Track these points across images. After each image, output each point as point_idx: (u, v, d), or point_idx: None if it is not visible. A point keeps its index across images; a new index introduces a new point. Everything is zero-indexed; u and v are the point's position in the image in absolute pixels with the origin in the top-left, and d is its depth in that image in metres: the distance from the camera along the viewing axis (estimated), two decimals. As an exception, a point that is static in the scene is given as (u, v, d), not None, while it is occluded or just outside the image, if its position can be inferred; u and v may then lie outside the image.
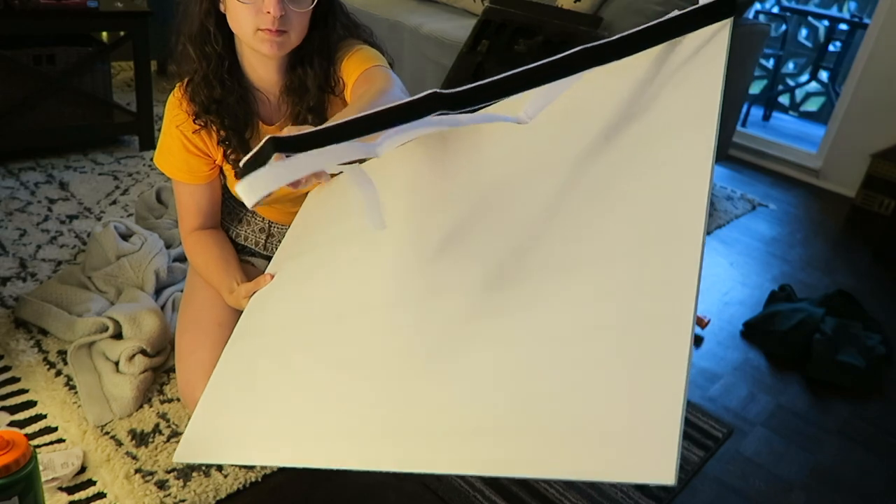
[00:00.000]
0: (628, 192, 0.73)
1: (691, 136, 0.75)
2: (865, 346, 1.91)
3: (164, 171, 1.30)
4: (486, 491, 1.30)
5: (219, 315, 1.30)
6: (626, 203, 0.72)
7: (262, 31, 1.12)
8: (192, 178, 1.29)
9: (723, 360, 1.87)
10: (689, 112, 0.79)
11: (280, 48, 1.15)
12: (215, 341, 1.26)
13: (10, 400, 1.35)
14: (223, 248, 1.36)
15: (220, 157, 1.28)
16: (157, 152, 1.30)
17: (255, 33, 1.13)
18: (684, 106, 0.80)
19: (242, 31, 1.14)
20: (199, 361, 1.26)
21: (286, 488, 1.25)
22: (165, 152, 1.28)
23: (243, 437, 0.91)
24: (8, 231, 1.92)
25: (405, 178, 1.10)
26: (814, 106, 4.92)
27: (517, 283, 0.75)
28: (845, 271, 2.52)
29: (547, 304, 0.70)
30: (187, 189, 1.31)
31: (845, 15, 4.60)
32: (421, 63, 3.11)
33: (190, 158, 1.27)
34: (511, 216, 0.84)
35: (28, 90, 2.27)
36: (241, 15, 1.12)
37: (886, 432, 1.68)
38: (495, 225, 0.85)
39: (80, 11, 2.27)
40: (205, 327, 1.29)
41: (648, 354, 0.60)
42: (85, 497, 1.17)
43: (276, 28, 1.11)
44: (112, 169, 2.40)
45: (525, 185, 0.86)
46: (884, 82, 3.16)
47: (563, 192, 0.80)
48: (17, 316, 1.56)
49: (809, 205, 3.17)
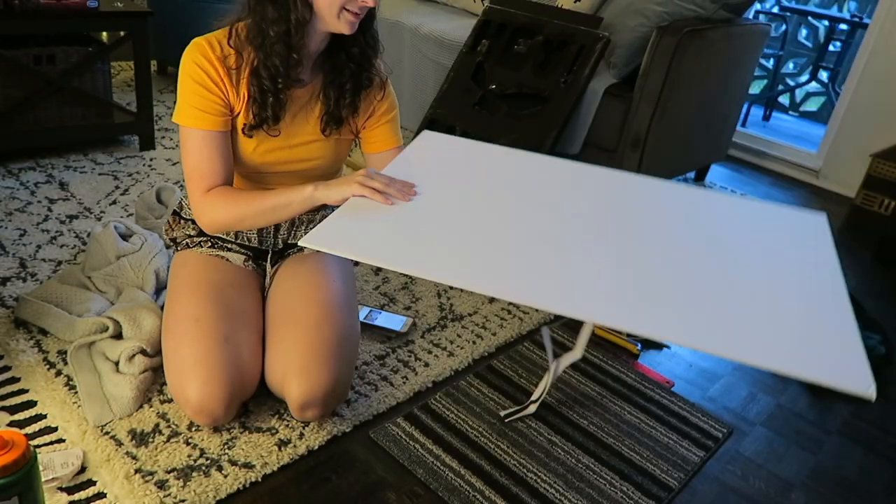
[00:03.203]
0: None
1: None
2: (865, 346, 1.91)
3: (178, 119, 1.30)
4: (487, 491, 1.30)
5: (195, 311, 1.33)
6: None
7: (348, 11, 1.23)
8: (204, 119, 1.28)
9: (723, 360, 1.87)
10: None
11: (355, 29, 1.27)
12: (195, 337, 1.29)
13: (10, 400, 1.35)
14: (250, 193, 1.33)
15: (238, 102, 1.30)
16: (176, 107, 1.31)
17: (341, 12, 1.23)
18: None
19: (330, 7, 1.22)
20: (183, 358, 1.28)
21: (286, 488, 1.25)
22: (179, 99, 1.30)
23: (377, 240, 1.13)
24: (8, 231, 1.92)
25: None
26: (814, 106, 4.92)
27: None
28: (845, 271, 2.52)
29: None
30: (200, 137, 1.29)
31: (845, 15, 4.60)
32: (421, 63, 3.11)
33: (204, 94, 1.27)
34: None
35: (28, 90, 2.27)
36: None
37: (886, 432, 1.68)
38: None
39: (80, 11, 2.27)
40: (184, 325, 1.31)
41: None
42: (85, 497, 1.17)
43: (362, 12, 1.25)
44: (112, 169, 2.40)
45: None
46: (884, 82, 3.16)
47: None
48: (17, 316, 1.56)
49: (809, 205, 3.17)
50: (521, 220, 1.23)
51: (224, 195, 1.31)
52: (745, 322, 1.03)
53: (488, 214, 1.24)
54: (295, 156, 1.40)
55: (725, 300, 1.07)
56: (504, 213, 1.25)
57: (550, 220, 1.24)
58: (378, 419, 1.45)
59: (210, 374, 1.25)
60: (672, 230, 1.26)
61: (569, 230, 1.22)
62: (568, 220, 1.25)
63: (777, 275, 1.17)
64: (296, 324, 1.35)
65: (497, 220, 1.22)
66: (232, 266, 1.46)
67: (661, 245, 1.21)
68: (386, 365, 1.61)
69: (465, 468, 1.34)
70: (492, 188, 1.35)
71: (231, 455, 1.29)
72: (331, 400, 1.33)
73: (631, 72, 2.59)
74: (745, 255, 1.22)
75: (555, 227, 1.22)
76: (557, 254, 1.14)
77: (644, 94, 2.46)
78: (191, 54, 1.28)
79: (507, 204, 1.29)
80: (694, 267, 1.15)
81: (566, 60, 2.62)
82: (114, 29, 2.51)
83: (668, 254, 1.18)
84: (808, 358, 0.97)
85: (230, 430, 1.35)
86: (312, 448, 1.34)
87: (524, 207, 1.28)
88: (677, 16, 2.52)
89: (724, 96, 2.85)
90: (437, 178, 1.35)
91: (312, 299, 1.39)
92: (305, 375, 1.29)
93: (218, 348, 1.28)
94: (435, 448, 1.38)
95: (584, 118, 2.59)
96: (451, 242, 1.14)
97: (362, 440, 1.39)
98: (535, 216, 1.25)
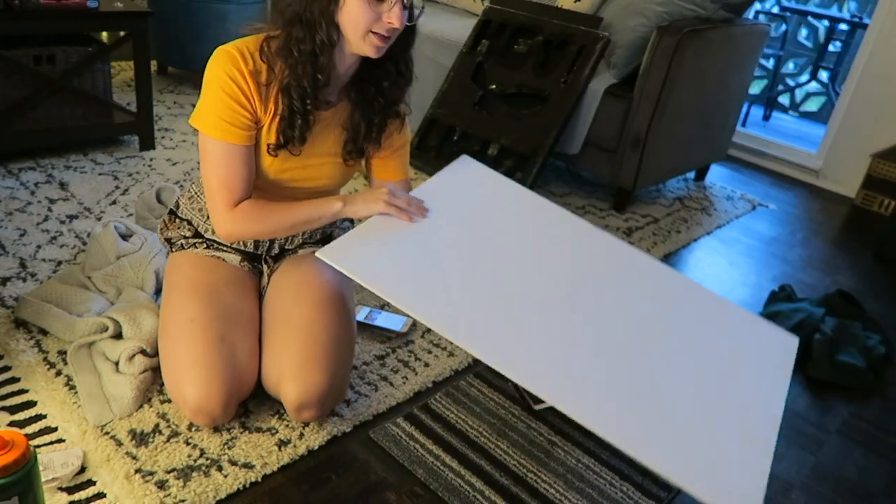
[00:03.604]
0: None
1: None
2: (865, 346, 1.91)
3: (203, 129, 1.27)
4: (487, 491, 1.30)
5: (190, 312, 1.33)
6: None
7: (374, 34, 1.19)
8: (233, 133, 1.26)
9: (723, 360, 1.87)
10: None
11: (381, 53, 1.24)
12: (190, 338, 1.29)
13: (10, 400, 1.35)
14: (275, 205, 1.34)
15: (265, 116, 1.28)
16: (194, 112, 1.29)
17: (367, 35, 1.19)
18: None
19: (356, 28, 1.20)
20: (179, 359, 1.29)
21: (286, 488, 1.25)
22: (205, 107, 1.26)
23: (384, 270, 1.22)
24: (8, 231, 1.92)
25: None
26: (814, 106, 4.92)
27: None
28: (845, 271, 2.52)
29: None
30: (227, 151, 1.27)
31: (845, 15, 4.60)
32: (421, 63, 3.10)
33: (235, 108, 1.25)
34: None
35: (28, 90, 2.27)
36: (362, 15, 1.18)
37: (886, 432, 1.68)
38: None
39: (80, 11, 2.27)
40: (179, 326, 1.32)
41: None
42: (85, 497, 1.17)
43: (388, 35, 1.21)
44: (112, 169, 2.40)
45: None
46: (884, 82, 3.16)
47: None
48: (17, 316, 1.56)
49: (809, 205, 3.17)
50: (520, 277, 1.31)
51: (254, 210, 1.32)
52: (669, 426, 1.11)
53: (493, 265, 1.31)
54: (307, 175, 1.40)
55: (667, 403, 1.15)
56: (507, 266, 1.32)
57: (546, 285, 1.31)
58: (378, 419, 1.45)
59: (207, 375, 1.25)
60: (650, 322, 1.32)
61: (559, 300, 1.29)
62: (561, 289, 1.32)
63: (725, 388, 1.23)
64: (290, 325, 1.35)
65: (499, 274, 1.29)
66: (227, 266, 1.46)
67: (635, 337, 1.27)
68: (386, 365, 1.61)
69: (465, 468, 1.34)
70: (506, 235, 1.41)
71: (231, 455, 1.29)
72: (327, 401, 1.33)
73: (631, 72, 2.59)
74: (704, 361, 1.27)
75: (547, 294, 1.29)
76: (539, 323, 1.22)
77: (644, 94, 2.46)
78: (222, 64, 1.24)
79: (512, 257, 1.35)
80: (655, 365, 1.22)
81: (566, 60, 2.62)
82: (114, 29, 2.51)
83: (637, 347, 1.25)
84: (707, 475, 1.04)
85: (230, 430, 1.35)
86: (312, 448, 1.34)
87: (528, 264, 1.35)
88: (677, 16, 2.52)
89: (724, 96, 2.85)
90: (458, 212, 1.41)
91: (305, 300, 1.39)
92: (300, 377, 1.29)
93: (214, 348, 1.28)
94: (435, 448, 1.38)
95: (584, 118, 2.59)
96: (451, 288, 1.22)
97: (362, 440, 1.39)
98: (535, 277, 1.32)
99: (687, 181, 3.18)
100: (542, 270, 1.35)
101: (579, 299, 1.31)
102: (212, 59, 1.26)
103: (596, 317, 1.28)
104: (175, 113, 3.01)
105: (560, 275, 1.35)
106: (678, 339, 1.30)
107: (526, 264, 1.35)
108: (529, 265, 1.35)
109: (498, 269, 1.31)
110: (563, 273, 1.36)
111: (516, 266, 1.33)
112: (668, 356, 1.25)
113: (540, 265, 1.36)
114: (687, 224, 2.71)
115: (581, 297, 1.32)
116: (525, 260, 1.36)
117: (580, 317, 1.27)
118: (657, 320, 1.33)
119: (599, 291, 1.35)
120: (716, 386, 1.22)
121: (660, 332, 1.30)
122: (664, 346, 1.27)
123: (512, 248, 1.38)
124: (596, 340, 1.23)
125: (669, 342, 1.28)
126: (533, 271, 1.34)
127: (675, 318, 1.35)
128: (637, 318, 1.31)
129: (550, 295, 1.29)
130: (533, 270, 1.34)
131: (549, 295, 1.29)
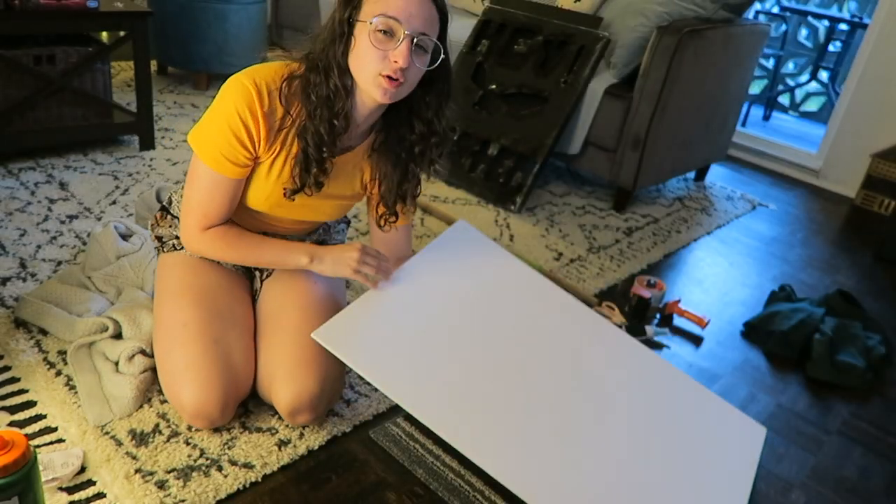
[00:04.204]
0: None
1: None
2: (865, 346, 1.91)
3: (199, 152, 1.25)
4: (487, 491, 1.30)
5: (182, 315, 1.33)
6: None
7: (382, 76, 1.15)
8: (227, 167, 1.25)
9: (723, 360, 1.87)
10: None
11: (392, 98, 1.19)
12: (184, 341, 1.29)
13: (10, 400, 1.35)
14: (248, 235, 1.34)
15: (266, 154, 1.27)
16: (196, 129, 1.26)
17: (375, 77, 1.15)
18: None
19: (365, 71, 1.17)
20: (174, 363, 1.29)
21: (286, 488, 1.25)
22: (207, 135, 1.24)
23: (376, 356, 1.26)
24: (8, 231, 1.92)
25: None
26: (814, 106, 4.92)
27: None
28: (845, 271, 2.52)
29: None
30: (216, 181, 1.27)
31: (845, 15, 4.60)
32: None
33: (236, 146, 1.23)
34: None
35: (28, 90, 2.27)
36: (369, 58, 1.15)
37: (886, 432, 1.68)
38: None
39: (80, 11, 2.27)
40: (172, 331, 1.32)
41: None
42: (85, 497, 1.17)
43: (396, 77, 1.15)
44: (112, 169, 2.40)
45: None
46: (884, 82, 3.16)
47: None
48: (17, 316, 1.56)
49: (809, 205, 3.17)
50: (507, 366, 1.35)
51: (223, 239, 1.31)
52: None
53: (482, 350, 1.36)
54: (305, 212, 1.39)
55: (631, 485, 1.23)
56: (495, 353, 1.36)
57: (534, 378, 1.35)
58: (378, 419, 1.45)
59: (203, 377, 1.25)
60: (625, 406, 1.38)
61: (542, 392, 1.33)
62: (546, 381, 1.36)
63: (692, 472, 1.30)
64: (280, 330, 1.35)
65: (487, 362, 1.34)
66: (219, 268, 1.45)
67: (607, 420, 1.33)
68: (386, 365, 1.61)
69: (465, 468, 1.34)
70: (497, 316, 1.45)
71: (231, 455, 1.29)
72: (320, 404, 1.32)
73: (631, 72, 2.59)
74: (671, 444, 1.33)
75: (533, 385, 1.33)
76: (522, 416, 1.27)
77: (644, 94, 2.46)
78: (236, 99, 1.20)
79: (501, 342, 1.39)
80: (628, 450, 1.29)
81: (566, 60, 2.62)
82: (114, 29, 2.51)
83: (608, 429, 1.31)
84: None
85: (230, 431, 1.35)
86: (312, 448, 1.34)
87: (516, 351, 1.39)
88: (677, 16, 2.52)
89: (724, 96, 2.85)
90: (451, 285, 1.46)
91: (294, 305, 1.39)
92: (291, 382, 1.29)
93: (208, 351, 1.28)
94: (435, 448, 1.38)
95: (584, 118, 2.59)
96: (439, 376, 1.27)
97: (362, 440, 1.39)
98: (523, 365, 1.37)
99: (687, 181, 3.18)
100: (535, 361, 1.39)
101: (556, 381, 1.36)
102: (228, 86, 1.22)
103: (570, 399, 1.33)
104: (175, 113, 3.01)
105: (541, 354, 1.41)
106: (647, 421, 1.36)
107: (511, 344, 1.40)
108: (514, 344, 1.40)
109: (489, 356, 1.35)
110: (544, 352, 1.41)
111: (508, 354, 1.37)
112: (635, 438, 1.32)
113: (533, 353, 1.40)
114: (687, 224, 2.71)
115: (558, 378, 1.37)
116: (511, 339, 1.41)
117: (553, 399, 1.32)
118: (631, 403, 1.38)
119: (577, 372, 1.40)
120: (682, 469, 1.28)
121: (632, 416, 1.36)
122: (633, 426, 1.34)
123: (505, 331, 1.42)
124: (568, 426, 1.28)
125: (638, 424, 1.35)
126: (526, 359, 1.38)
127: (647, 401, 1.41)
128: (611, 400, 1.37)
129: (531, 380, 1.34)
130: (517, 350, 1.39)
131: (530, 380, 1.34)
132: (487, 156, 2.66)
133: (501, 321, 1.44)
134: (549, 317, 1.51)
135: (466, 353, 1.34)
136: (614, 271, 2.24)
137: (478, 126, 2.71)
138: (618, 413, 1.35)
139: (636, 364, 1.49)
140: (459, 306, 1.42)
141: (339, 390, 1.39)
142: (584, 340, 1.49)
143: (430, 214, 2.41)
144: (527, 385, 1.33)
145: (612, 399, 1.37)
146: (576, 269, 2.22)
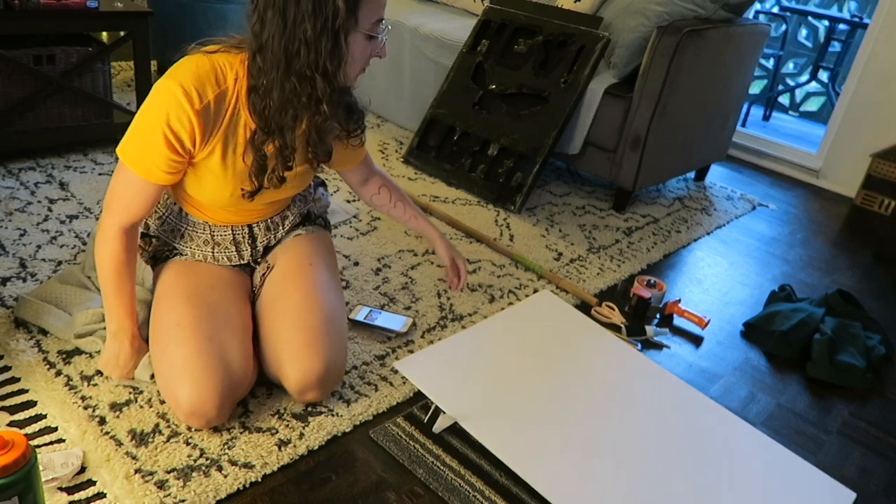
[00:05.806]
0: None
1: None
2: (865, 346, 1.91)
3: (126, 159, 1.24)
4: (487, 491, 1.30)
5: (175, 316, 1.33)
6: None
7: (362, 70, 1.26)
8: (155, 174, 1.24)
9: (723, 360, 1.87)
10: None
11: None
12: (178, 341, 1.30)
13: (10, 400, 1.35)
14: (132, 271, 1.35)
15: (202, 152, 1.25)
16: (125, 142, 1.24)
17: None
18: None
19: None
20: (169, 363, 1.29)
21: (286, 488, 1.25)
22: (136, 144, 1.22)
23: (447, 388, 1.46)
24: (8, 231, 1.92)
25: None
26: (814, 106, 4.92)
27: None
28: (845, 271, 2.52)
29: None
30: (142, 186, 1.26)
31: (845, 15, 4.60)
32: (421, 63, 3.10)
33: (167, 154, 1.21)
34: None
35: (28, 90, 2.27)
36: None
37: (886, 432, 1.68)
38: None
39: (80, 11, 2.27)
40: (166, 331, 1.33)
41: None
42: (85, 497, 1.17)
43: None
44: (112, 169, 2.40)
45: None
46: (884, 82, 3.16)
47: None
48: (17, 316, 1.56)
49: (809, 205, 3.17)
50: (585, 418, 1.45)
51: (120, 261, 1.31)
52: None
53: (558, 404, 1.47)
54: (270, 195, 1.40)
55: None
56: (571, 407, 1.48)
57: (606, 429, 1.44)
58: (378, 419, 1.45)
59: (198, 376, 1.26)
60: (708, 471, 1.39)
61: (615, 445, 1.40)
62: (618, 434, 1.43)
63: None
64: (282, 313, 1.39)
65: (563, 413, 1.45)
66: (213, 267, 1.46)
67: (683, 483, 1.35)
68: (386, 365, 1.61)
69: (465, 468, 1.34)
70: (573, 377, 1.57)
71: (231, 455, 1.29)
72: (328, 381, 1.37)
73: (631, 72, 2.59)
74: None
75: (607, 437, 1.42)
76: (596, 465, 1.34)
77: (644, 94, 2.46)
78: (165, 108, 1.17)
79: (577, 397, 1.51)
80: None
81: (566, 60, 2.62)
82: (114, 29, 2.51)
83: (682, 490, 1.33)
84: None
85: (230, 430, 1.35)
86: (312, 448, 1.34)
87: (593, 406, 1.49)
88: (677, 16, 2.52)
89: (724, 96, 2.85)
90: (528, 340, 1.64)
91: (295, 287, 1.42)
92: (298, 362, 1.33)
93: (203, 349, 1.28)
94: (435, 448, 1.38)
95: (584, 118, 2.59)
96: (520, 424, 1.40)
97: (362, 440, 1.39)
98: (598, 419, 1.46)
99: (687, 181, 3.18)
100: (609, 414, 1.48)
101: (630, 443, 1.41)
102: (156, 93, 1.18)
103: (649, 463, 1.37)
104: (175, 113, 3.01)
105: (617, 410, 1.49)
106: (733, 485, 1.37)
107: (585, 400, 1.50)
108: (588, 401, 1.50)
109: (565, 409, 1.46)
110: (620, 409, 1.50)
111: (585, 408, 1.48)
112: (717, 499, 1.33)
113: (607, 408, 1.49)
114: (687, 224, 2.71)
115: (632, 441, 1.42)
116: (585, 395, 1.51)
117: (629, 459, 1.37)
118: (715, 466, 1.40)
119: (656, 438, 1.44)
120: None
121: (713, 481, 1.37)
122: (715, 490, 1.35)
123: (583, 388, 1.53)
124: (650, 486, 1.32)
125: (721, 488, 1.35)
126: (600, 414, 1.47)
127: (730, 463, 1.42)
128: (695, 467, 1.39)
129: (602, 435, 1.42)
130: (589, 405, 1.49)
131: (601, 435, 1.41)
132: (487, 156, 2.66)
133: (578, 374, 1.57)
134: (630, 380, 1.60)
135: (538, 395, 1.48)
136: (614, 271, 2.24)
137: (478, 126, 2.71)
138: (700, 478, 1.36)
139: (722, 431, 1.51)
140: (534, 355, 1.59)
141: (343, 369, 1.42)
142: (667, 407, 1.54)
143: (430, 214, 2.41)
144: (604, 435, 1.41)
145: (704, 469, 1.39)
146: (576, 269, 2.22)
